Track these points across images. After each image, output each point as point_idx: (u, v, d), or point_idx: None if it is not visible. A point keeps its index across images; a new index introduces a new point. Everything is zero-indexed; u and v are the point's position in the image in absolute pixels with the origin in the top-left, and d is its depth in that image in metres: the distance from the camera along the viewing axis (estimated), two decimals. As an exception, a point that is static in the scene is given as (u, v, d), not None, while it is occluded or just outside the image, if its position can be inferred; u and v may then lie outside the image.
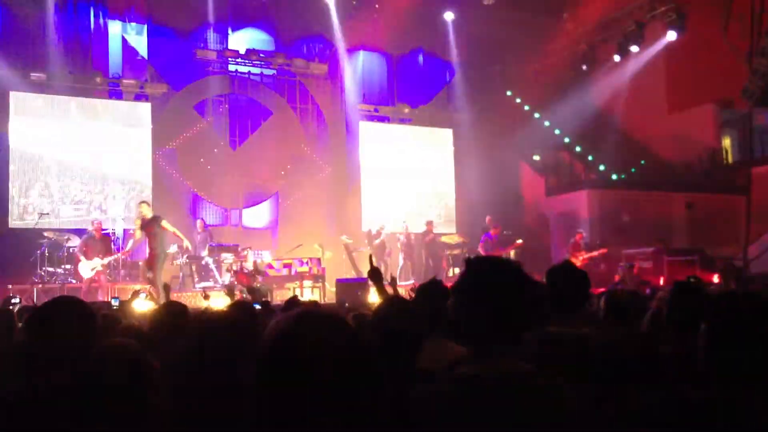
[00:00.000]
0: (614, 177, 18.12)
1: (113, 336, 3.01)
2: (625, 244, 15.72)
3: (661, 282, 13.93)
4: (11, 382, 1.89)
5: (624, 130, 18.17)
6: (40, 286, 11.82)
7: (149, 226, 11.14)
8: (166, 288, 7.46)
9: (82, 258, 12.17)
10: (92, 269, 12.20)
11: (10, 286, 11.41)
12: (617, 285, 12.10)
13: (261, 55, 16.67)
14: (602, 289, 7.35)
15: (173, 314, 3.39)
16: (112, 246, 13.41)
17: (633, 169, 18.54)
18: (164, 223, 11.19)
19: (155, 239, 11.12)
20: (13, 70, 13.93)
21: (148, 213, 11.29)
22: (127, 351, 1.54)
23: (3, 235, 13.66)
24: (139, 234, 11.41)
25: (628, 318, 3.60)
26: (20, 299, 10.57)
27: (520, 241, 15.26)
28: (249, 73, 16.77)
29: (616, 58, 17.56)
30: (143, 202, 11.75)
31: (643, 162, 18.71)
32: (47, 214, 13.76)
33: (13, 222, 13.79)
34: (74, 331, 1.98)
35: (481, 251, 15.34)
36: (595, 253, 14.94)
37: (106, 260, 12.43)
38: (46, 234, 12.81)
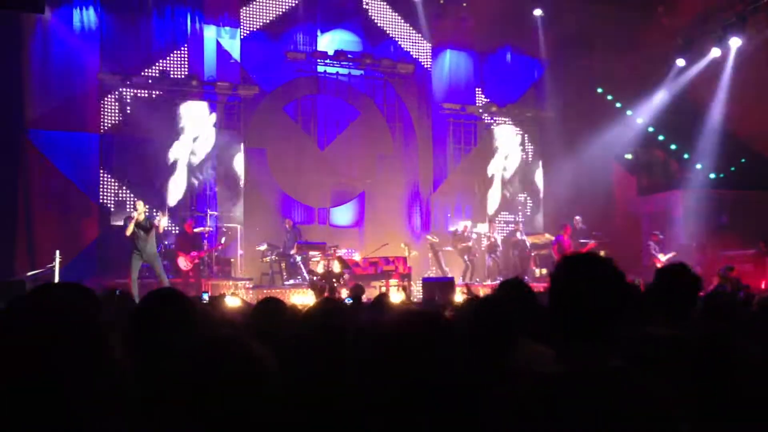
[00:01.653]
0: (712, 176, 17.38)
1: (208, 328, 3.12)
2: (723, 246, 15.04)
3: (763, 286, 13.31)
4: (120, 371, 1.99)
5: (723, 127, 17.37)
6: (138, 280, 12.34)
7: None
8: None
9: (180, 253, 12.82)
10: (191, 262, 12.84)
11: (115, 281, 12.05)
12: (718, 288, 11.62)
13: (349, 56, 16.86)
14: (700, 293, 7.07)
15: (273, 309, 3.51)
16: (204, 242, 13.94)
17: (732, 168, 17.71)
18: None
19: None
20: (115, 73, 14.64)
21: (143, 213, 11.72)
22: (238, 343, 1.60)
23: (106, 233, 14.38)
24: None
25: (727, 321, 3.46)
26: (120, 292, 11.11)
27: (592, 242, 14.90)
28: (337, 74, 17.01)
29: (716, 51, 16.81)
30: (140, 201, 12.00)
31: (743, 160, 17.83)
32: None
33: (115, 220, 14.47)
34: (177, 321, 2.07)
35: (554, 254, 15.16)
36: (670, 255, 14.43)
37: (200, 251, 13.12)
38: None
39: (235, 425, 1.51)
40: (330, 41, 16.92)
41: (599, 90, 18.56)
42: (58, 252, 11.98)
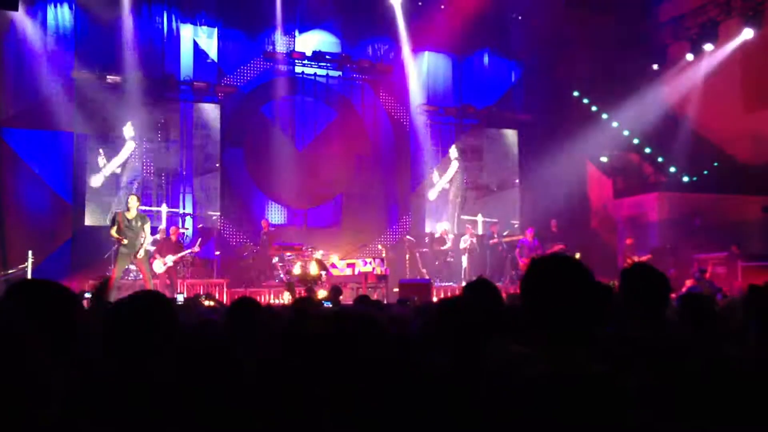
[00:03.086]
0: (686, 179, 17.59)
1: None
2: (696, 249, 15.24)
3: (735, 288, 13.49)
4: (101, 366, 1.98)
5: (696, 130, 17.60)
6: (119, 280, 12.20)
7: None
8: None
9: (157, 255, 12.69)
10: (164, 265, 12.71)
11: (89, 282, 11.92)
12: (692, 290, 11.76)
13: (327, 56, 16.85)
14: (673, 295, 7.16)
15: (247, 309, 3.51)
16: (182, 244, 13.85)
17: (706, 171, 17.95)
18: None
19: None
20: (90, 73, 14.48)
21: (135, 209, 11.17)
22: (218, 344, 1.59)
23: (79, 232, 14.23)
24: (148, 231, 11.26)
25: (704, 323, 3.50)
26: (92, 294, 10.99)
27: (559, 245, 15.00)
28: (315, 74, 16.98)
29: (689, 56, 17.05)
30: (134, 195, 11.51)
31: (716, 164, 18.07)
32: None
33: (89, 220, 14.32)
34: (156, 321, 2.06)
35: (517, 257, 15.33)
36: (644, 258, 14.58)
37: (176, 256, 12.93)
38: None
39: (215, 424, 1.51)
40: (308, 42, 16.89)
41: (575, 93, 18.73)
42: (30, 252, 11.83)
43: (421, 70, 18.05)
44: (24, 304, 1.80)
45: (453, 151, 18.16)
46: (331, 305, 6.84)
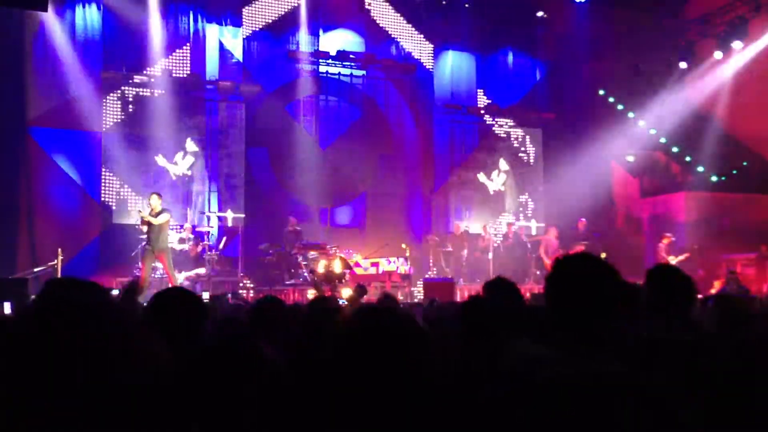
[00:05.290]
0: (714, 179, 17.36)
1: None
2: (725, 249, 15.02)
3: (765, 289, 13.31)
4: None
5: (725, 129, 17.35)
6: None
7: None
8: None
9: None
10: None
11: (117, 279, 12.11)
12: (724, 290, 11.60)
13: (351, 56, 16.87)
14: (700, 296, 7.07)
15: (272, 307, 3.52)
16: (205, 241, 13.92)
17: (734, 171, 17.69)
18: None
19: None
20: (117, 72, 14.65)
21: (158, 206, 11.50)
22: (247, 343, 1.61)
23: (107, 231, 14.40)
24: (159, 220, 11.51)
25: (737, 325, 3.45)
26: (119, 291, 11.16)
27: (581, 246, 14.85)
28: (339, 74, 17.01)
29: (718, 54, 16.81)
30: (156, 193, 11.87)
31: (745, 163, 17.81)
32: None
33: (117, 219, 14.48)
34: (186, 317, 2.08)
35: (542, 255, 15.28)
36: (682, 257, 14.38)
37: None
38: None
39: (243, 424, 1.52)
40: (332, 41, 16.92)
41: (601, 92, 18.55)
42: (60, 250, 11.99)
43: (445, 69, 18.00)
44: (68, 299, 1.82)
45: (483, 149, 18.12)
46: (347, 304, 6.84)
